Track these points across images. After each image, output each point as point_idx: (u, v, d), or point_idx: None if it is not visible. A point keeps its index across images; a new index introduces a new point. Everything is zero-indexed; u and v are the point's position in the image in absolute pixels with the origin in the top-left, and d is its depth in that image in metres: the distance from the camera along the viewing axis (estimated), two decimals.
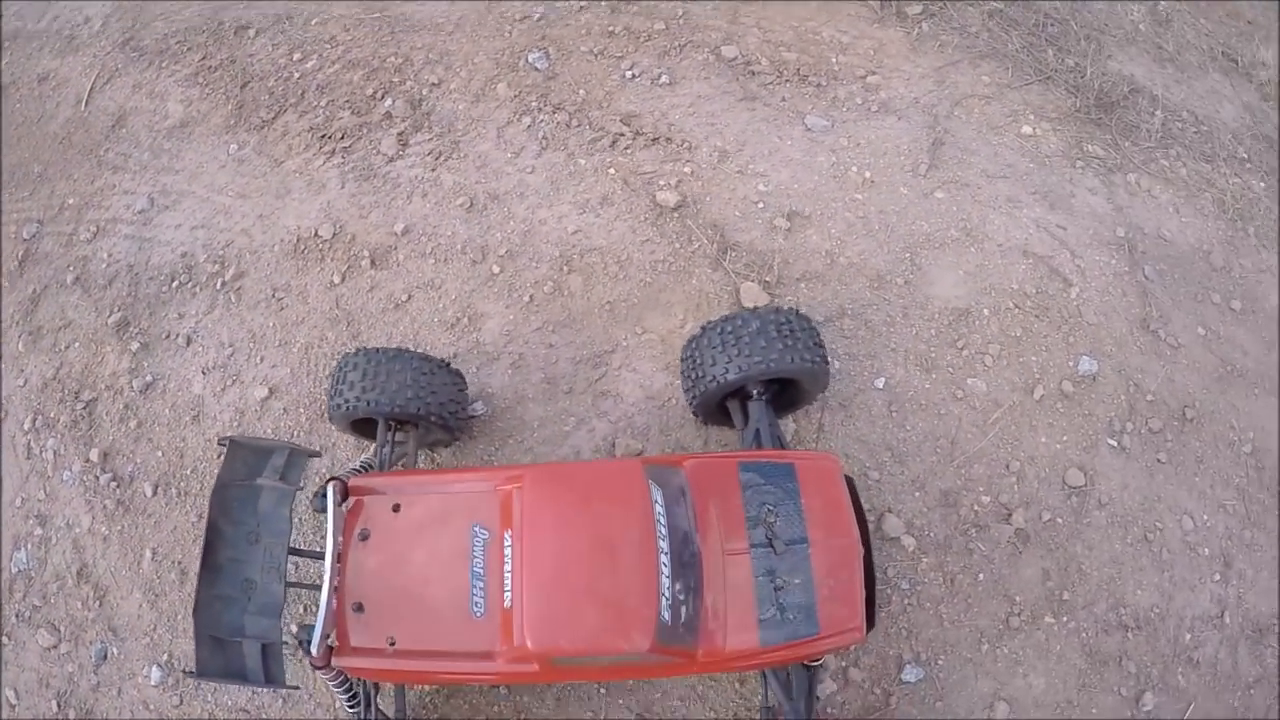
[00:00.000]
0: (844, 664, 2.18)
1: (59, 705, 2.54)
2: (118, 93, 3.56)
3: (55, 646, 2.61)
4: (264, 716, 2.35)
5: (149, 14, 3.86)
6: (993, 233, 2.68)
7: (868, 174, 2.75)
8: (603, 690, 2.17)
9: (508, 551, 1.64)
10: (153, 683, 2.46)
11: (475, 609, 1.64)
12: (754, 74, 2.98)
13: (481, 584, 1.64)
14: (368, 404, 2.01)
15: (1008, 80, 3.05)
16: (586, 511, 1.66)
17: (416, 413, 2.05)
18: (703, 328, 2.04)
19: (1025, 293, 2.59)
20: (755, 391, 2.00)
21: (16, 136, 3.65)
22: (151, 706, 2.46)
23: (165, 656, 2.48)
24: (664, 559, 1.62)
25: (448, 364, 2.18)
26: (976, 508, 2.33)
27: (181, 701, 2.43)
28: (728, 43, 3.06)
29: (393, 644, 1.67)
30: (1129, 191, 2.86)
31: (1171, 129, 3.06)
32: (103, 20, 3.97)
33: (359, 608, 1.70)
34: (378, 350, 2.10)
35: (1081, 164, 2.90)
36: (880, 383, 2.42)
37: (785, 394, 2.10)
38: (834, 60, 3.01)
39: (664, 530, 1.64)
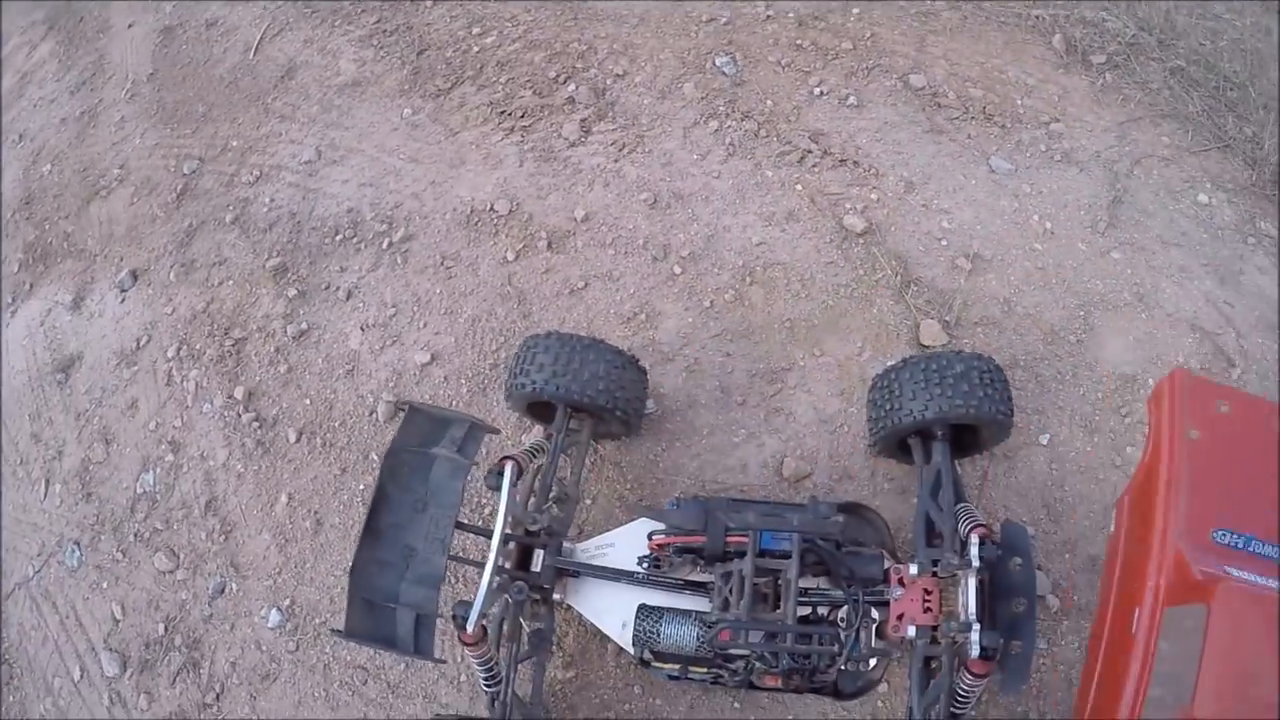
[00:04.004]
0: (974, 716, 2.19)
1: (166, 628, 2.58)
2: (288, 45, 3.59)
3: (172, 571, 2.64)
4: (383, 678, 2.37)
5: None
6: (1164, 301, 2.63)
7: (1048, 224, 2.71)
8: (735, 704, 2.18)
9: None
10: (270, 624, 2.49)
11: None
12: (940, 107, 2.95)
13: None
14: (556, 388, 2.01)
15: (1187, 144, 2.99)
16: None
17: (604, 405, 2.05)
18: (904, 361, 2.03)
19: (1189, 368, 2.54)
20: (940, 433, 2.00)
21: (181, 76, 3.69)
22: (264, 648, 2.48)
23: (288, 602, 2.51)
24: None
25: (636, 360, 2.18)
26: None
27: (298, 648, 2.46)
28: (915, 71, 3.03)
29: None
30: None
31: None
32: None
33: None
34: (571, 336, 2.10)
35: (1254, 240, 2.83)
36: (1045, 439, 2.39)
37: (961, 439, 2.09)
38: (1019, 102, 2.97)
39: None
